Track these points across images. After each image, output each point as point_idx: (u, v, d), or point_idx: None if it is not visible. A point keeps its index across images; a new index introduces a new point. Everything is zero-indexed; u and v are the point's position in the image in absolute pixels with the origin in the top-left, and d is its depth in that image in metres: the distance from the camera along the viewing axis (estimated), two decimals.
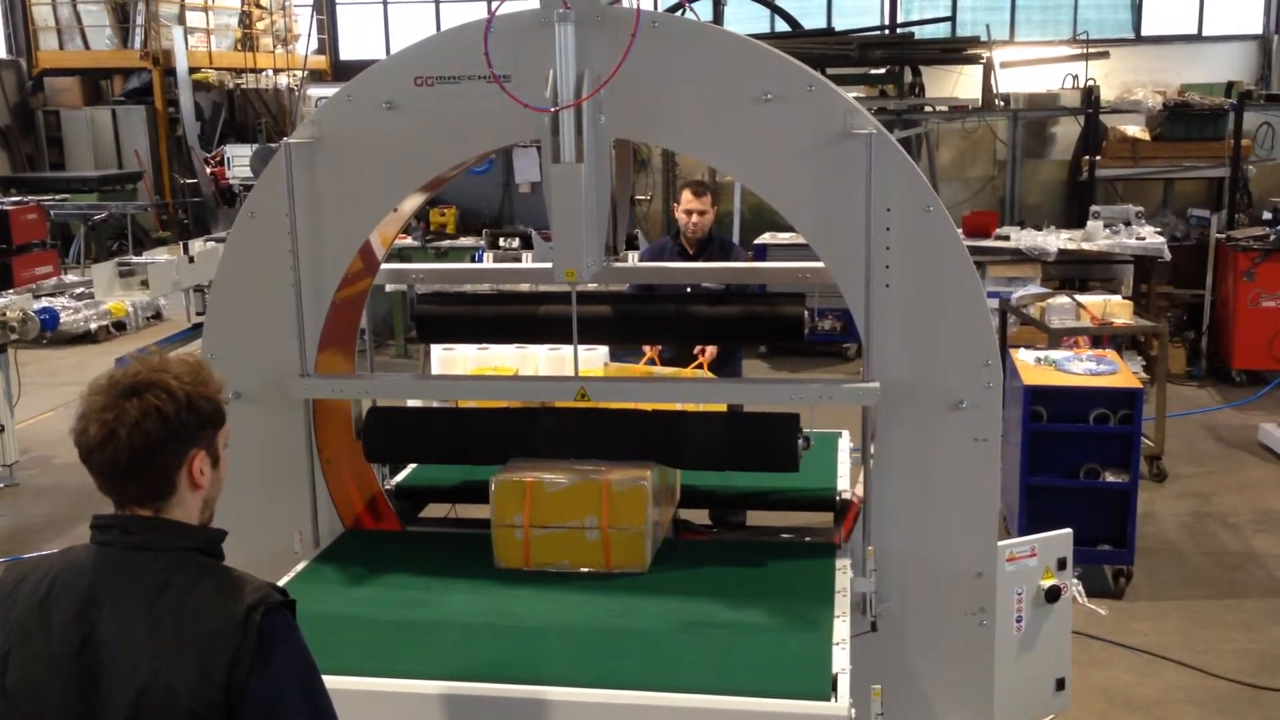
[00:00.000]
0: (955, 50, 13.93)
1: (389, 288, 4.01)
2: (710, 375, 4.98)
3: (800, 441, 3.51)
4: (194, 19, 20.32)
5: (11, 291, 9.04)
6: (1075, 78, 14.39)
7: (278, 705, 1.97)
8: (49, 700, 2.01)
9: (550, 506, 3.39)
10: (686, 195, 5.92)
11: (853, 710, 2.69)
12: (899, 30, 16.77)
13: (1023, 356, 6.55)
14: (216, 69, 20.28)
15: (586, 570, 3.40)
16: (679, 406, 3.88)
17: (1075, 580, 5.11)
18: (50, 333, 8.84)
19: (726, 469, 3.77)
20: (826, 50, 12.62)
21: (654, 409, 3.76)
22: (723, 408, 4.10)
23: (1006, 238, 10.34)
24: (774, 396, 3.59)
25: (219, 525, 2.17)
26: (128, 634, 1.98)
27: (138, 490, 2.06)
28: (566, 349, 4.61)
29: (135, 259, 9.23)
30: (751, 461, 3.68)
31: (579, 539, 3.39)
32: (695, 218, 5.86)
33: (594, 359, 4.71)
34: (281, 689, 1.98)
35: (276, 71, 21.65)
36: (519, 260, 10.62)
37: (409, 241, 11.80)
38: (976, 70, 13.83)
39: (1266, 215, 10.68)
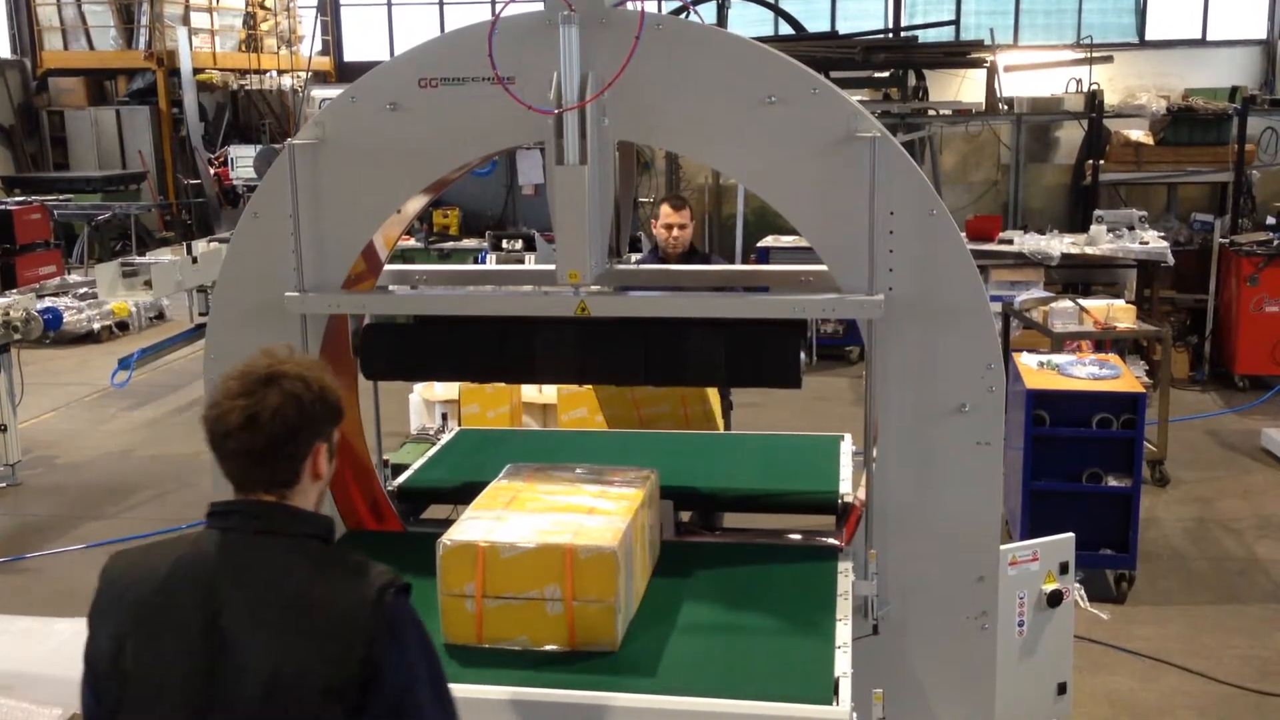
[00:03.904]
0: (959, 54, 13.91)
1: (392, 288, 4.00)
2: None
3: (802, 356, 3.45)
4: (198, 20, 20.34)
5: (15, 291, 9.06)
6: (1079, 82, 14.38)
7: (409, 687, 2.06)
8: (170, 682, 2.06)
9: (506, 574, 2.96)
10: (665, 209, 5.81)
11: (854, 714, 2.69)
12: (903, 34, 16.74)
13: (1025, 360, 6.55)
14: (220, 70, 20.30)
15: (549, 649, 2.99)
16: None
17: (1077, 585, 5.11)
18: (53, 333, 8.85)
19: (728, 385, 3.69)
20: (830, 53, 12.61)
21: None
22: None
23: (1010, 241, 10.34)
24: (778, 309, 3.43)
25: None
26: (257, 616, 2.05)
27: (268, 476, 2.13)
28: None
29: (138, 259, 9.26)
30: (753, 376, 3.60)
31: (538, 612, 2.97)
32: (675, 231, 5.75)
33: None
34: (413, 671, 2.07)
35: (280, 72, 21.66)
36: (522, 262, 10.65)
37: (412, 243, 11.82)
38: (980, 74, 13.82)
39: (1270, 220, 10.68)
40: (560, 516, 3.12)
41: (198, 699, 2.04)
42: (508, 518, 3.13)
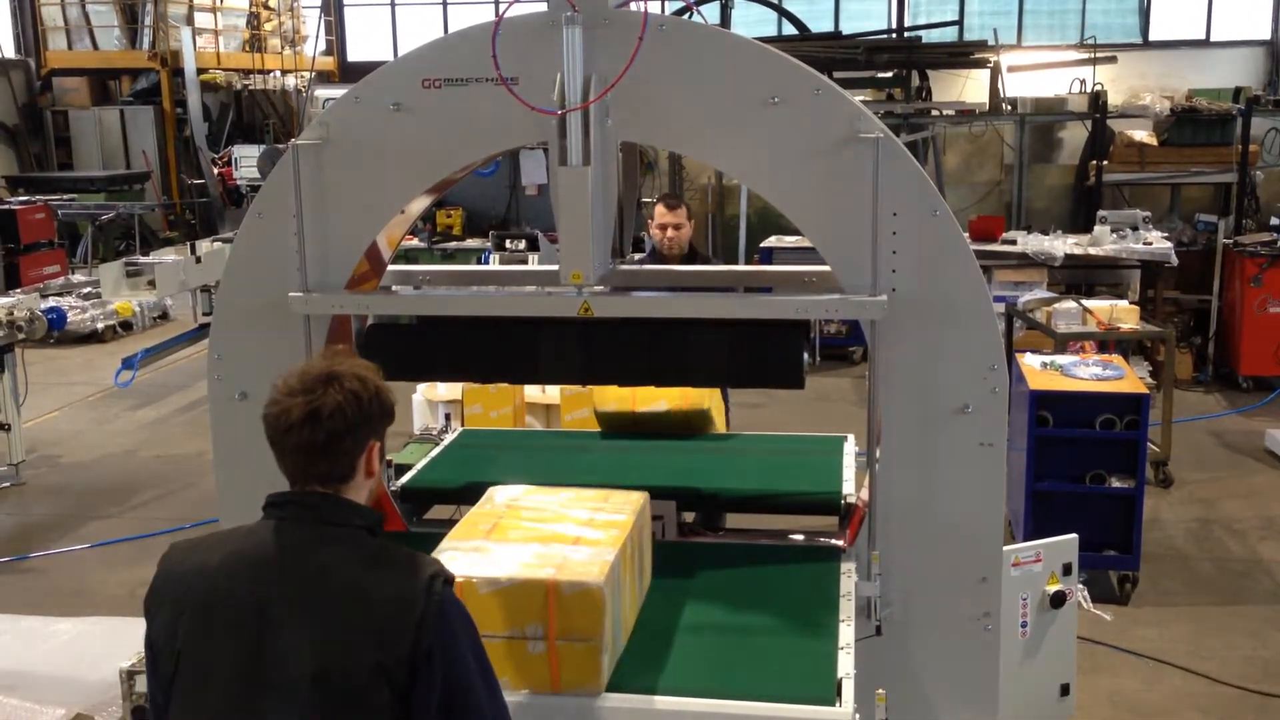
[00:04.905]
0: (962, 54, 13.90)
1: (395, 289, 4.00)
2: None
3: (805, 356, 3.45)
4: (202, 20, 20.37)
5: (19, 291, 9.07)
6: (1083, 82, 14.39)
7: (460, 671, 2.15)
8: (221, 663, 2.14)
9: (485, 611, 2.70)
10: (659, 209, 5.71)
11: (857, 715, 2.69)
12: (906, 34, 16.74)
13: (1029, 361, 6.54)
14: (224, 70, 20.33)
15: (531, 692, 2.78)
16: None
17: (1080, 586, 5.11)
18: (57, 332, 8.87)
19: (731, 385, 3.66)
20: (834, 54, 12.61)
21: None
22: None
23: (1013, 242, 10.33)
24: (781, 310, 3.42)
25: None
26: (309, 601, 2.14)
27: (325, 470, 2.22)
28: None
29: (142, 259, 9.25)
30: (756, 377, 3.60)
31: (520, 652, 2.76)
32: (670, 232, 5.65)
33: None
34: (462, 656, 2.16)
35: (284, 73, 21.69)
36: (525, 262, 10.65)
37: (415, 243, 11.84)
38: (984, 74, 13.82)
39: (1274, 221, 10.69)
40: (543, 547, 2.92)
41: (248, 680, 2.12)
42: (488, 549, 2.92)
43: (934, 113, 12.85)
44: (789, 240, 10.83)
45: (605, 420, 4.78)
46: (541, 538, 2.99)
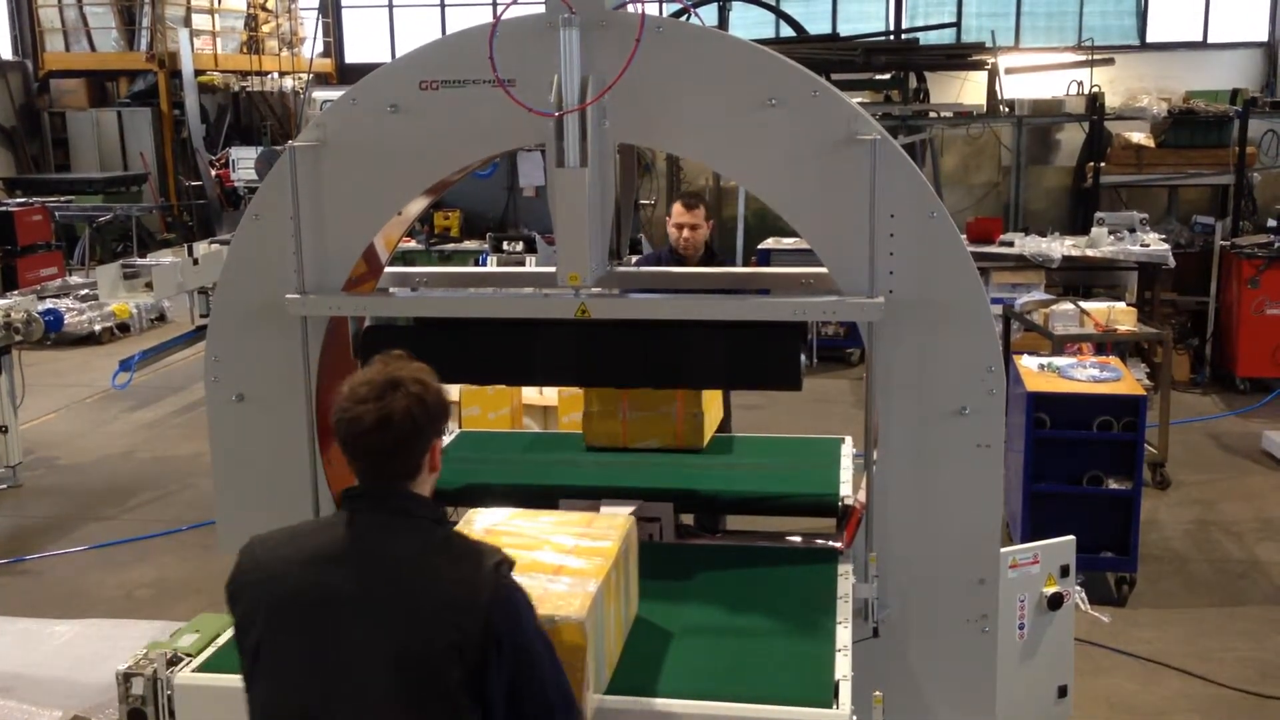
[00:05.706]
0: (960, 56, 13.90)
1: (392, 290, 4.00)
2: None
3: (803, 358, 3.47)
4: (200, 21, 20.36)
5: (16, 292, 9.08)
6: (1080, 84, 14.37)
7: (527, 647, 2.28)
8: (303, 645, 2.27)
9: None
10: (677, 208, 5.71)
11: (854, 717, 2.69)
12: (904, 36, 16.74)
13: (1026, 363, 6.55)
14: (222, 71, 20.32)
15: None
16: None
17: (1078, 587, 5.11)
18: (54, 334, 8.85)
19: (728, 387, 3.67)
20: (831, 56, 12.61)
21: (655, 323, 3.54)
22: None
23: (1010, 244, 10.33)
24: (778, 312, 3.42)
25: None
26: (384, 587, 2.27)
27: (397, 468, 2.37)
28: None
29: (140, 261, 9.28)
30: (753, 378, 3.63)
31: None
32: (687, 233, 5.63)
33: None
34: (528, 633, 2.30)
35: (282, 74, 21.69)
36: (523, 264, 10.65)
37: (413, 244, 11.82)
38: (981, 76, 13.81)
39: (1271, 223, 10.68)
40: (523, 579, 2.63)
41: (328, 664, 2.25)
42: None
43: (931, 114, 12.85)
44: (786, 242, 10.83)
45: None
46: (521, 567, 2.78)
